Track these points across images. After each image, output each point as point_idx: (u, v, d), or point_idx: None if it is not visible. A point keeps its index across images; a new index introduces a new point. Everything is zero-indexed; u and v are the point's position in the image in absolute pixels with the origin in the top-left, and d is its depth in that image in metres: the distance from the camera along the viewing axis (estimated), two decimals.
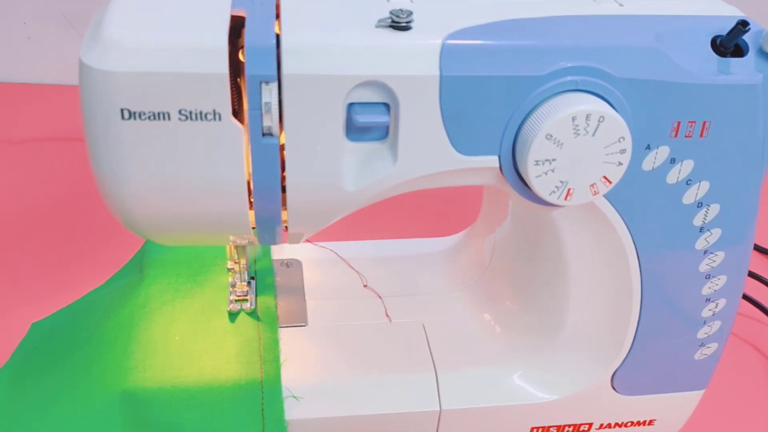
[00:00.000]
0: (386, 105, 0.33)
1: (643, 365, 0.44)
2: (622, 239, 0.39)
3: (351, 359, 0.45)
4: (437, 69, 0.32)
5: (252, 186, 0.33)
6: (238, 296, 0.46)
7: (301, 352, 0.45)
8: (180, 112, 0.31)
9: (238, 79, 0.31)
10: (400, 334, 0.47)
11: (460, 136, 0.34)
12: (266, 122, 0.31)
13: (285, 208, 0.34)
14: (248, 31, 0.30)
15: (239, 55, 0.31)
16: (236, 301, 0.46)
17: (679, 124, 0.35)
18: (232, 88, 0.31)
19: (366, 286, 0.50)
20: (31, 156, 0.74)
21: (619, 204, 0.38)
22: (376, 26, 0.32)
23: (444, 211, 0.69)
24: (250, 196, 0.33)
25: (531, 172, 0.34)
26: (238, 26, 0.31)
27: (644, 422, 0.47)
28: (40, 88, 0.88)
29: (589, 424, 0.46)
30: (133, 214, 0.34)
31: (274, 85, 0.30)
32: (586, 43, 0.33)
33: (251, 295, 0.46)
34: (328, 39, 0.31)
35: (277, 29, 0.31)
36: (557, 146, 0.33)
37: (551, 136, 0.33)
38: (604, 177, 0.35)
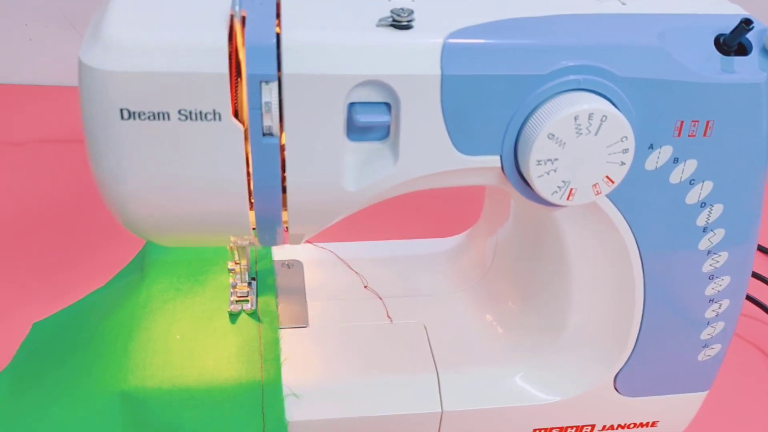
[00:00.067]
0: (387, 104, 0.32)
1: (646, 366, 0.43)
2: (624, 239, 0.39)
3: (352, 360, 0.45)
4: (438, 68, 0.32)
5: (252, 186, 0.33)
6: (239, 297, 0.46)
7: (302, 353, 0.45)
8: (180, 112, 0.30)
9: (238, 79, 0.31)
10: (401, 335, 0.47)
11: (462, 136, 0.34)
12: (266, 122, 0.31)
13: (285, 209, 0.34)
14: (248, 31, 0.30)
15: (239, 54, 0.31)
16: (237, 302, 0.46)
17: (683, 123, 0.35)
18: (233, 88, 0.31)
19: (367, 287, 0.50)
20: (33, 157, 0.74)
21: (622, 204, 0.38)
22: (377, 25, 0.32)
23: (445, 211, 0.69)
24: (251, 197, 0.33)
25: (533, 172, 0.33)
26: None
27: (647, 424, 0.47)
28: (41, 89, 0.88)
29: (592, 426, 0.46)
30: (133, 215, 0.33)
31: (275, 85, 0.30)
32: (589, 42, 0.33)
33: (252, 296, 0.46)
34: (329, 38, 0.31)
35: (278, 28, 0.31)
36: (559, 146, 0.33)
37: (553, 136, 0.33)
38: (607, 177, 0.34)
